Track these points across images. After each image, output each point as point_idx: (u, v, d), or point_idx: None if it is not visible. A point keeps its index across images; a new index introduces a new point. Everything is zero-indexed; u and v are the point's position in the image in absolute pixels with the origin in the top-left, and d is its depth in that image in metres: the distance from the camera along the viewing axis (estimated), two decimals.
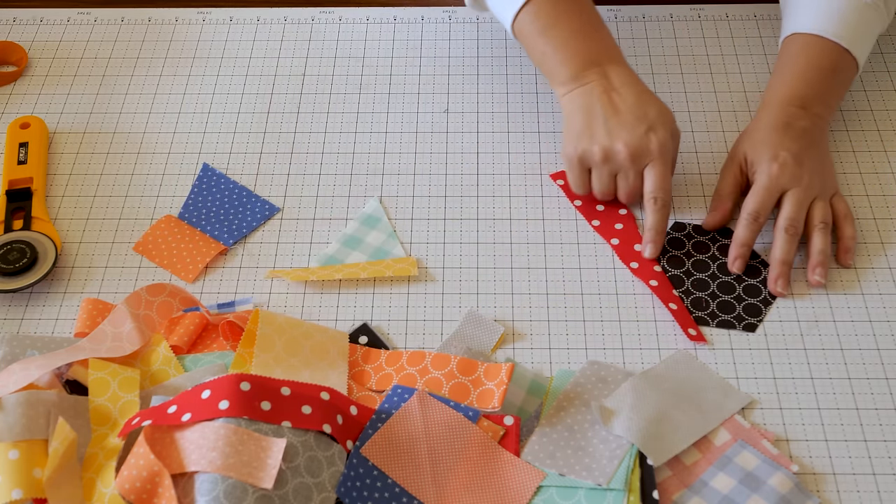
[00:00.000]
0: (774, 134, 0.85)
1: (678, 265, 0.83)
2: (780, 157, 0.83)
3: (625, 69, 0.87)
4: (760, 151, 0.84)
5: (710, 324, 0.79)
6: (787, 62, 0.89)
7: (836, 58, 0.87)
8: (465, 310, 0.81)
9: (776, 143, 0.84)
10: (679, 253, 0.84)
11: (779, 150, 0.83)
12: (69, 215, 0.89)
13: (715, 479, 0.69)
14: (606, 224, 0.86)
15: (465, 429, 0.71)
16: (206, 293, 0.83)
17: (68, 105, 0.99)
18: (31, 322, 0.81)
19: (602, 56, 0.87)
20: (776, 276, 0.80)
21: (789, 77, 0.87)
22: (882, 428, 0.73)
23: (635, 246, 0.84)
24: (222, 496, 0.62)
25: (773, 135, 0.84)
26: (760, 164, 0.84)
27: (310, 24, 1.06)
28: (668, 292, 0.81)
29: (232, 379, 0.67)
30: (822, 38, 0.87)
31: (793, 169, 0.83)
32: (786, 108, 0.86)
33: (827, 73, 0.87)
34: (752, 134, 0.86)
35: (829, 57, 0.87)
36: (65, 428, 0.68)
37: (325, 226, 0.87)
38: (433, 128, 0.95)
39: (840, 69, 0.88)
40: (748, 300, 0.80)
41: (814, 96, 0.87)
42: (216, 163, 0.93)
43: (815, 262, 0.81)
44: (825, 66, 0.87)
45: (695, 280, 0.82)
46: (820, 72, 0.87)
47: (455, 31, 1.05)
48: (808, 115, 0.86)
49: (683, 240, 0.85)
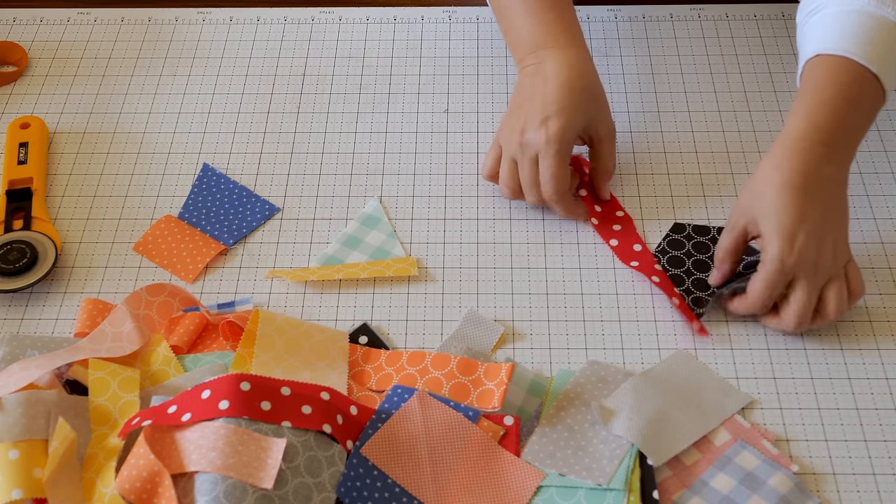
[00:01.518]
0: (789, 197, 0.73)
1: (678, 265, 0.83)
2: (797, 240, 0.72)
3: (567, 54, 0.83)
4: (771, 228, 0.73)
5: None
6: (812, 87, 0.76)
7: (866, 85, 0.75)
8: (465, 310, 0.81)
9: (792, 216, 0.72)
10: (679, 253, 0.84)
11: (797, 227, 0.72)
12: (69, 215, 0.89)
13: (715, 479, 0.69)
14: (604, 224, 0.86)
15: (465, 429, 0.71)
16: (206, 293, 0.83)
17: (68, 105, 0.99)
18: (31, 322, 0.81)
19: (549, 39, 0.84)
20: (740, 308, 0.77)
21: (816, 105, 0.75)
22: (882, 428, 0.73)
23: (634, 246, 0.84)
24: (222, 496, 0.62)
25: (788, 198, 0.73)
26: (772, 243, 0.73)
27: (310, 24, 1.06)
28: (671, 289, 0.81)
29: (232, 379, 0.67)
30: (851, 60, 0.75)
31: (808, 255, 0.73)
32: (811, 147, 0.74)
33: (855, 104, 0.75)
34: (761, 195, 0.74)
35: (861, 84, 0.75)
36: (65, 428, 0.68)
37: (325, 226, 0.87)
38: (433, 128, 0.95)
39: (867, 98, 0.76)
40: None
41: (841, 132, 0.75)
42: (216, 163, 0.93)
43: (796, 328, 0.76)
44: (854, 95, 0.75)
45: (695, 280, 0.82)
46: (848, 102, 0.75)
47: (455, 31, 1.05)
48: (834, 158, 0.74)
49: (683, 241, 0.85)
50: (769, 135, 0.94)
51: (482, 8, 1.07)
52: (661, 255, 0.84)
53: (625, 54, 1.02)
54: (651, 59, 1.01)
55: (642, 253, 0.84)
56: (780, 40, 1.03)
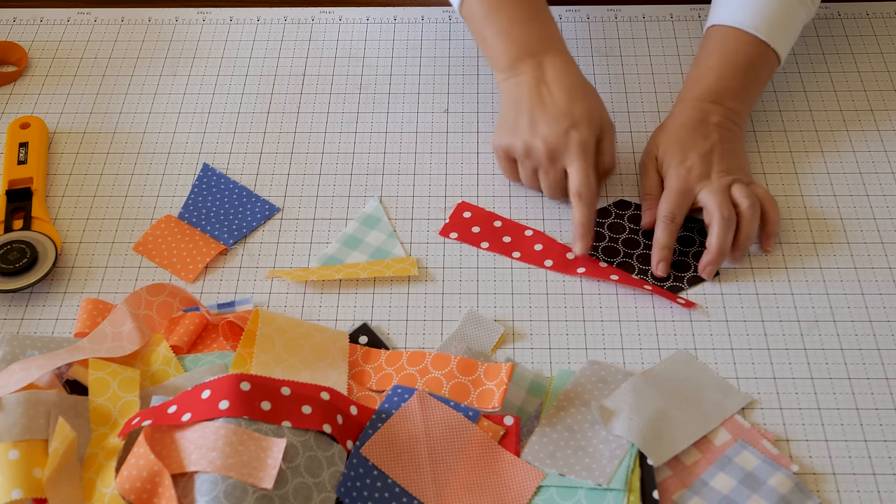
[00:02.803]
0: (685, 132, 0.85)
1: (614, 254, 0.84)
2: (688, 159, 0.84)
3: (561, 60, 0.86)
4: (672, 152, 0.85)
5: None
6: (704, 56, 0.89)
7: (752, 51, 0.87)
8: (465, 310, 0.81)
9: (686, 144, 0.85)
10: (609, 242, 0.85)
11: (688, 151, 0.84)
12: (69, 215, 0.89)
13: (715, 479, 0.69)
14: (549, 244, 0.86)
15: (465, 429, 0.71)
16: (206, 293, 0.83)
17: (68, 105, 0.99)
18: (31, 322, 0.81)
19: (540, 46, 0.86)
20: (708, 263, 0.81)
21: (705, 71, 0.88)
22: (882, 428, 0.73)
23: (568, 254, 0.84)
24: (222, 496, 0.62)
25: (684, 132, 0.85)
26: (670, 167, 0.84)
27: (310, 24, 1.06)
28: (632, 279, 0.81)
29: (232, 379, 0.67)
30: (739, 30, 0.87)
31: (700, 169, 0.83)
32: (700, 103, 0.87)
33: (742, 68, 0.87)
34: (665, 132, 0.87)
35: (746, 51, 0.87)
36: (65, 428, 0.68)
37: (325, 226, 0.87)
38: (433, 128, 0.95)
39: (757, 63, 0.88)
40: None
41: (728, 92, 0.87)
42: (216, 163, 0.93)
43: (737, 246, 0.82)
44: (741, 61, 0.87)
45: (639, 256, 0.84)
46: (735, 68, 0.87)
47: (455, 31, 1.05)
48: (721, 109, 0.86)
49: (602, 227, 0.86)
50: (768, 134, 0.94)
51: None
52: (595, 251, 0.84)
53: (625, 54, 1.02)
54: (651, 59, 1.01)
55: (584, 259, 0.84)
56: None
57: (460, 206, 0.88)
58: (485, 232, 0.86)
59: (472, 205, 0.88)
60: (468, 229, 0.86)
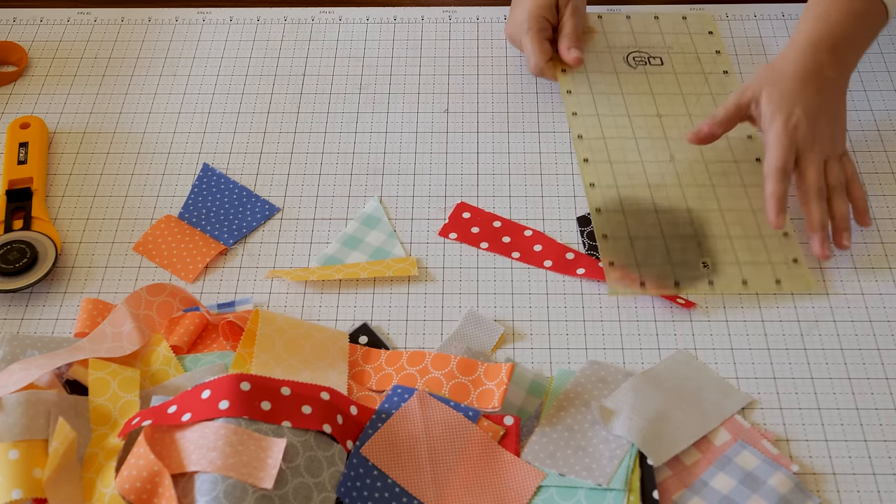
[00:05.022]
0: (797, 83, 0.82)
1: None
2: (794, 115, 0.81)
3: None
4: (777, 104, 0.82)
5: None
6: (819, 2, 0.85)
7: (870, 4, 0.85)
8: (465, 310, 0.81)
9: (795, 98, 0.82)
10: None
11: (794, 106, 0.81)
12: (69, 215, 0.89)
13: (715, 479, 0.69)
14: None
15: (465, 429, 0.71)
16: (206, 293, 0.83)
17: (68, 105, 0.99)
18: (31, 322, 0.81)
19: None
20: (821, 240, 0.80)
21: (824, 16, 0.84)
22: (882, 428, 0.73)
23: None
24: (222, 496, 0.62)
25: (796, 84, 0.82)
26: (774, 120, 0.81)
27: (310, 24, 1.06)
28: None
29: (232, 379, 0.67)
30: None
31: (805, 130, 0.81)
32: (815, 52, 0.83)
33: (861, 18, 0.85)
34: (773, 77, 0.83)
35: (865, 2, 0.85)
36: (65, 428, 0.68)
37: (325, 226, 0.87)
38: (433, 128, 0.95)
39: (873, 15, 0.85)
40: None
41: (844, 43, 0.84)
42: (216, 163, 0.93)
43: (840, 227, 0.82)
44: (860, 11, 0.84)
45: None
46: (855, 17, 0.84)
47: (455, 31, 1.05)
48: (837, 63, 0.83)
49: None
50: None
51: (482, 8, 1.07)
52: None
53: None
54: None
55: (584, 260, 0.84)
56: (781, 40, 1.03)
57: (459, 207, 0.88)
58: (484, 232, 0.86)
59: (471, 205, 0.88)
60: (467, 229, 0.86)
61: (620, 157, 0.88)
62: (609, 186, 0.88)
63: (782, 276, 0.81)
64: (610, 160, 0.88)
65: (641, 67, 0.96)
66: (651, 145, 0.90)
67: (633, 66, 0.96)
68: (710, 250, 0.82)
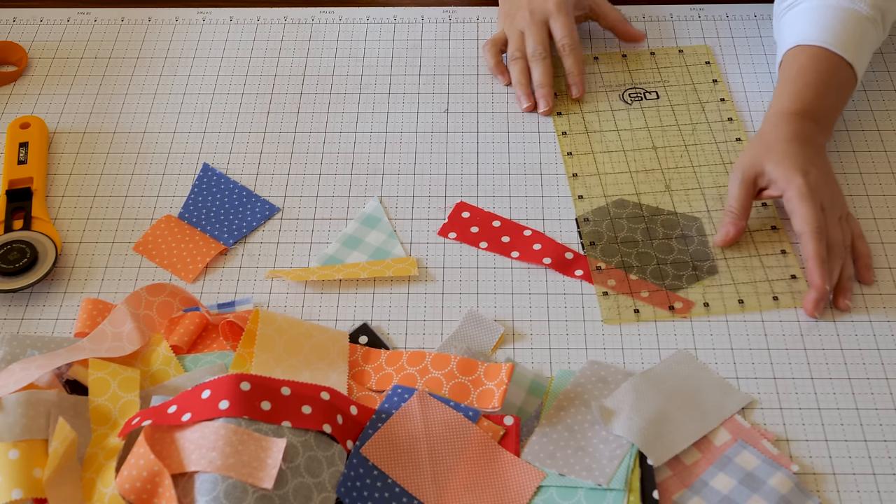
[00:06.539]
0: (797, 148, 0.82)
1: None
2: (811, 174, 0.80)
3: None
4: (787, 168, 0.81)
5: None
6: (798, 73, 0.86)
7: (843, 74, 0.86)
8: (465, 310, 0.81)
9: (803, 160, 0.81)
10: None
11: (808, 165, 0.81)
12: (69, 215, 0.89)
13: (715, 479, 0.69)
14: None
15: (465, 429, 0.71)
16: (206, 293, 0.83)
17: (68, 105, 0.99)
18: (31, 322, 0.81)
19: None
20: (822, 302, 0.78)
21: (802, 88, 0.85)
22: (882, 428, 0.73)
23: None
24: (222, 496, 0.62)
25: (797, 148, 0.82)
26: (792, 180, 0.80)
27: (310, 24, 1.06)
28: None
29: (232, 379, 0.67)
30: (829, 51, 0.86)
31: (824, 188, 0.81)
32: (803, 121, 0.84)
33: (834, 89, 0.86)
34: (770, 147, 0.83)
35: (837, 72, 0.86)
36: (65, 428, 0.68)
37: (325, 226, 0.87)
38: (433, 128, 0.95)
39: (844, 83, 0.87)
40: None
41: (824, 111, 0.86)
42: (216, 163, 0.93)
43: (845, 287, 0.80)
44: (832, 81, 0.86)
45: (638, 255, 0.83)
46: (828, 87, 0.86)
47: (455, 31, 1.05)
48: (821, 131, 0.85)
49: None
50: None
51: (482, 8, 1.07)
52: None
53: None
54: None
55: (583, 260, 0.84)
56: None
57: (459, 207, 0.88)
58: (483, 232, 0.86)
59: (471, 205, 0.88)
60: (467, 229, 0.86)
61: (615, 191, 0.88)
62: (602, 218, 0.88)
63: (780, 292, 0.80)
64: (605, 195, 0.88)
65: (637, 103, 0.96)
66: (646, 178, 0.89)
67: (628, 102, 0.96)
68: (708, 271, 0.82)
